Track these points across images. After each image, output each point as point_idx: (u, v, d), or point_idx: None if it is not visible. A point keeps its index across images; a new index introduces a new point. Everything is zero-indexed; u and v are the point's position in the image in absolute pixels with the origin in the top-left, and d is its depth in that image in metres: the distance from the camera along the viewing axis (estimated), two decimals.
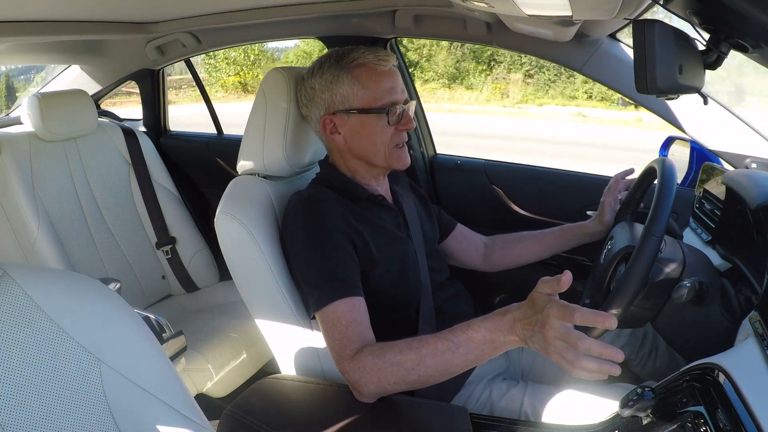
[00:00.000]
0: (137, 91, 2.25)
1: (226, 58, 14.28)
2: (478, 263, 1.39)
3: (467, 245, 1.38)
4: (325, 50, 1.33)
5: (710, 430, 0.65)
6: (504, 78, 13.59)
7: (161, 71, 2.25)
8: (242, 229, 1.04)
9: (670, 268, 0.93)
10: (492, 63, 13.76)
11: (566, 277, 0.72)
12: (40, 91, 1.88)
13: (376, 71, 1.05)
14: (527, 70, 13.47)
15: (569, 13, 0.92)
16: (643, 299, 0.93)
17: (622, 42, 1.41)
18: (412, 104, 1.10)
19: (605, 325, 0.69)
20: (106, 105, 2.38)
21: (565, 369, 0.72)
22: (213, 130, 2.33)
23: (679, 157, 1.51)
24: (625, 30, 1.38)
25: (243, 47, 13.04)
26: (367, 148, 1.08)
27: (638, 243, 0.90)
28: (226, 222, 1.06)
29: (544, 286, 0.75)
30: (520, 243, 1.35)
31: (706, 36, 0.86)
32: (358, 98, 1.05)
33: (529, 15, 1.00)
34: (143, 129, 2.29)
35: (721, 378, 0.69)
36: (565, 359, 0.71)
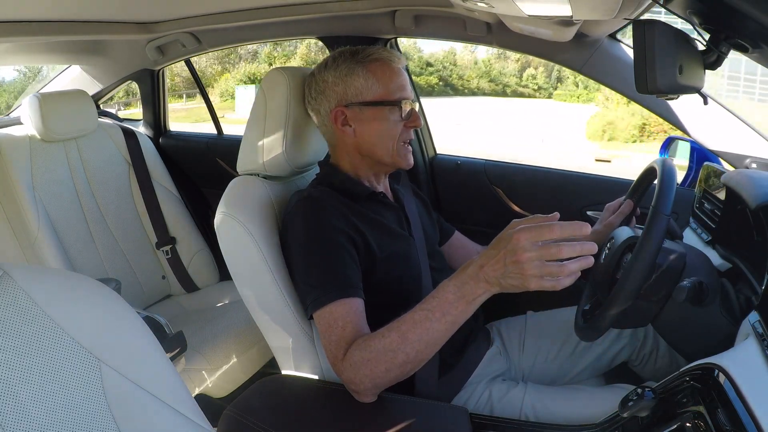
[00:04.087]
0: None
1: None
2: None
3: (463, 253, 1.37)
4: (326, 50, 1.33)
5: (710, 430, 0.65)
6: None
7: (161, 71, 2.25)
8: (242, 229, 1.04)
9: (674, 257, 0.93)
10: None
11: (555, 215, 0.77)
12: (40, 91, 1.88)
13: (390, 67, 1.07)
14: None
15: (569, 13, 0.92)
16: (649, 290, 0.92)
17: (622, 42, 1.41)
18: (416, 105, 1.12)
19: (583, 231, 0.73)
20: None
21: (548, 288, 0.74)
22: None
23: (679, 157, 1.51)
24: (625, 30, 1.38)
25: None
26: (376, 143, 1.08)
27: (647, 222, 0.89)
28: (226, 222, 1.06)
29: (516, 224, 0.78)
30: None
31: (706, 36, 0.86)
32: (372, 91, 1.06)
33: (529, 15, 1.00)
34: (143, 129, 2.29)
35: (721, 378, 0.69)
36: (548, 274, 0.73)
